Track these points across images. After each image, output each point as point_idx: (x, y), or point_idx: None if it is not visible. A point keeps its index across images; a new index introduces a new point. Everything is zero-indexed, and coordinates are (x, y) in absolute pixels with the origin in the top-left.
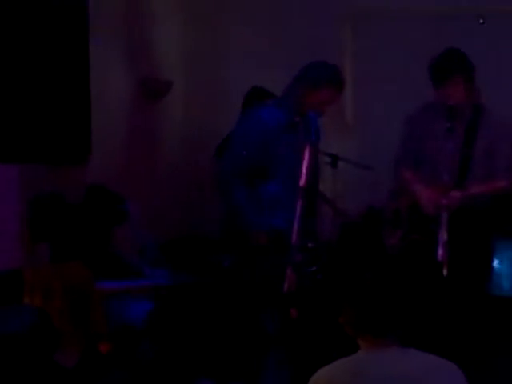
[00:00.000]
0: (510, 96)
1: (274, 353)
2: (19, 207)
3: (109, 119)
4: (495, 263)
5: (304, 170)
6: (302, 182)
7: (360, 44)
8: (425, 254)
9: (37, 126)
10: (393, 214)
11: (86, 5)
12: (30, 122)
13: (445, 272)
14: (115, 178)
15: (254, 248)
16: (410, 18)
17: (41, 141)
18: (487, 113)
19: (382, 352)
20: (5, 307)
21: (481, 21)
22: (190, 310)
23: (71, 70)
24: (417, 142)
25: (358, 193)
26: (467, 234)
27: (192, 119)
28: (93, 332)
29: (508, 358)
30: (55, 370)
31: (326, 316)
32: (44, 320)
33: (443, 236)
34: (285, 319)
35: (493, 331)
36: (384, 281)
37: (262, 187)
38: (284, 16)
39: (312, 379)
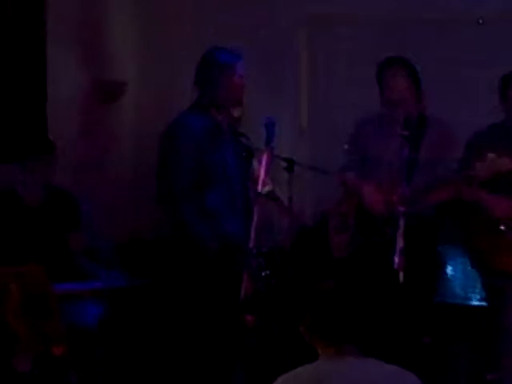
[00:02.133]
0: (462, 105)
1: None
2: None
3: (62, 120)
4: (449, 270)
5: (262, 175)
6: (260, 186)
7: (316, 49)
8: (376, 258)
9: None
10: (339, 218)
11: (43, 6)
12: None
13: (401, 279)
14: (68, 179)
15: (205, 259)
16: (366, 23)
17: None
18: (432, 121)
19: (342, 361)
20: None
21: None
22: (144, 312)
23: (28, 70)
24: (363, 147)
25: (312, 198)
26: (415, 242)
27: (146, 121)
28: (48, 335)
29: (461, 365)
30: (10, 375)
31: (282, 321)
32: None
33: (399, 243)
34: (241, 326)
35: (445, 339)
36: (342, 288)
37: (206, 196)
38: (240, 20)
39: None
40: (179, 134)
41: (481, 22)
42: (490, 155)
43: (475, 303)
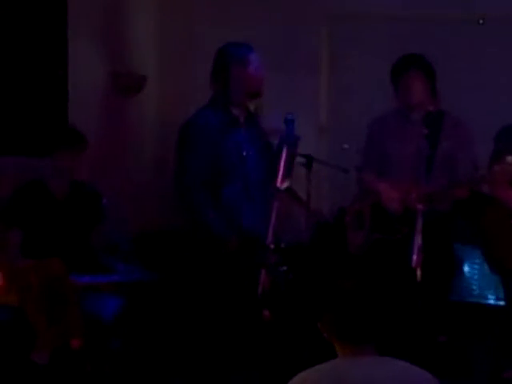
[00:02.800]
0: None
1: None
2: None
3: (83, 114)
4: (466, 269)
5: (281, 171)
6: (279, 182)
7: (336, 46)
8: (393, 257)
9: (15, 119)
10: (355, 216)
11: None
12: (9, 115)
13: (418, 277)
14: (88, 172)
15: (224, 254)
16: (387, 21)
17: (18, 133)
18: (449, 119)
19: (360, 359)
20: None
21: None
22: (161, 306)
23: (49, 63)
24: (380, 147)
25: (330, 194)
26: (431, 239)
27: (166, 115)
28: (67, 328)
29: (477, 363)
30: (29, 368)
31: (299, 317)
32: (19, 318)
33: (418, 241)
34: (258, 321)
35: (462, 337)
36: (362, 286)
37: (222, 191)
38: (260, 15)
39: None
40: (195, 129)
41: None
42: (509, 158)
43: (492, 302)
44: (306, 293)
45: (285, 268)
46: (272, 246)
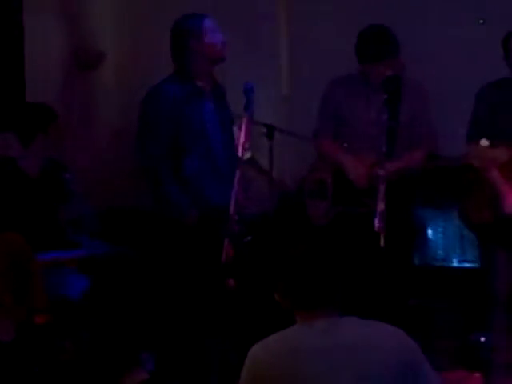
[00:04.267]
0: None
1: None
2: None
3: (43, 90)
4: (429, 233)
5: (242, 141)
6: (240, 151)
7: (297, 13)
8: (358, 225)
9: None
10: (316, 185)
11: None
12: None
13: (382, 242)
14: (52, 149)
15: (187, 226)
16: None
17: None
18: (407, 83)
19: (314, 326)
20: None
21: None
22: (128, 281)
23: (5, 40)
24: (336, 112)
25: (293, 164)
26: (396, 205)
27: (125, 89)
28: (31, 303)
29: (447, 326)
30: None
31: (262, 286)
32: None
33: (380, 206)
34: (222, 290)
35: (429, 300)
36: (315, 252)
37: (184, 163)
38: None
39: (249, 355)
40: (156, 101)
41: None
42: (483, 142)
43: (456, 265)
44: (268, 263)
45: (249, 238)
46: (235, 216)
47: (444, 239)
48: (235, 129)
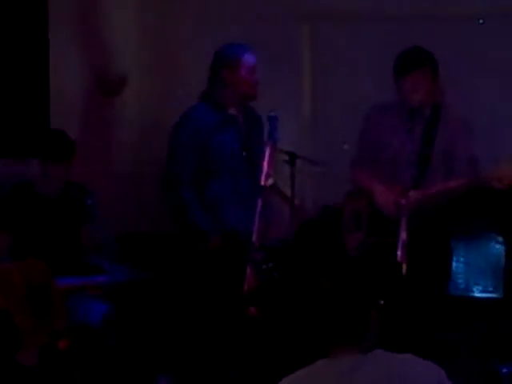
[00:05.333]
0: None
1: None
2: None
3: (65, 114)
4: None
5: (265, 169)
6: (263, 180)
7: (320, 43)
8: (385, 256)
9: None
10: (352, 215)
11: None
12: None
13: (404, 271)
14: (74, 174)
15: (208, 251)
16: (369, 19)
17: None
18: (446, 111)
19: (346, 359)
20: None
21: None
22: (148, 306)
23: (31, 64)
24: (374, 142)
25: (315, 192)
26: (426, 234)
27: (147, 114)
28: (53, 329)
29: (465, 357)
30: (16, 370)
31: (285, 314)
32: (5, 320)
33: (402, 236)
34: (244, 319)
35: (451, 330)
36: (350, 284)
37: (208, 187)
38: (243, 15)
39: None
40: (186, 124)
41: (481, 21)
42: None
43: (478, 295)
44: (291, 291)
45: (270, 265)
46: (257, 244)
47: (465, 268)
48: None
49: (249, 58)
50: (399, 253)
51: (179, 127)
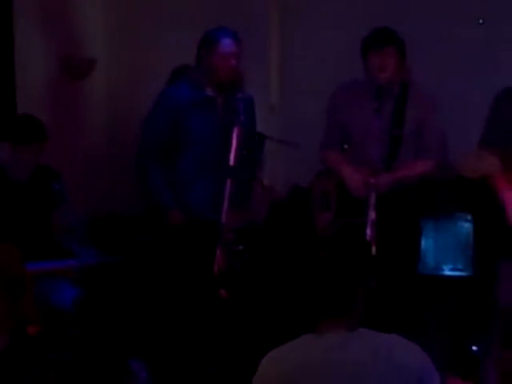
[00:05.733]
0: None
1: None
2: None
3: (32, 97)
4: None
5: (233, 150)
6: (232, 161)
7: (287, 23)
8: (356, 236)
9: None
10: (321, 195)
11: None
12: None
13: (373, 251)
14: (45, 158)
15: (172, 228)
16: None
17: None
18: (414, 89)
19: (329, 336)
20: None
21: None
22: (120, 290)
23: None
24: (341, 121)
25: (284, 172)
26: (396, 214)
27: (117, 97)
28: (22, 314)
29: (436, 336)
30: None
31: (256, 296)
32: None
33: (371, 215)
34: (215, 300)
35: (422, 309)
36: (338, 260)
37: (177, 165)
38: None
39: (259, 368)
40: (162, 102)
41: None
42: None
43: (447, 273)
44: (263, 272)
45: (240, 247)
46: (227, 225)
47: (435, 247)
48: None
49: (226, 44)
50: (368, 232)
51: (156, 105)
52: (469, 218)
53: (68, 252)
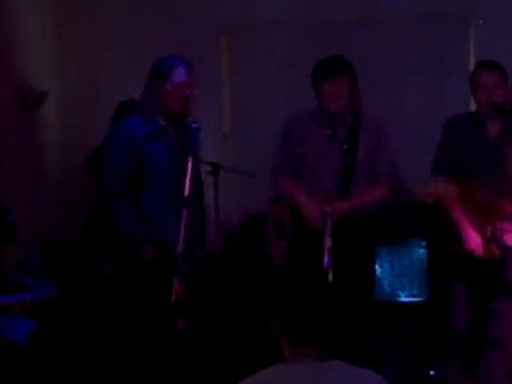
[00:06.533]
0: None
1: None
2: None
3: None
4: (377, 268)
5: (188, 180)
6: (186, 191)
7: (238, 53)
8: (311, 264)
9: None
10: (275, 223)
11: None
12: None
13: (330, 278)
14: None
15: (141, 261)
16: (285, 27)
17: None
18: (366, 117)
19: (301, 366)
20: None
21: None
22: (76, 321)
23: None
24: (296, 149)
25: (239, 201)
26: (350, 241)
27: (68, 128)
28: None
29: (394, 361)
30: None
31: (212, 324)
32: None
33: (327, 243)
34: (172, 330)
35: (379, 335)
36: (312, 287)
37: (141, 198)
38: (160, 23)
39: None
40: (117, 136)
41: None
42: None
43: (403, 300)
44: (220, 301)
45: (198, 276)
46: (183, 255)
47: (390, 273)
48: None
49: (179, 73)
50: (325, 260)
51: (110, 140)
52: (423, 243)
53: (20, 286)
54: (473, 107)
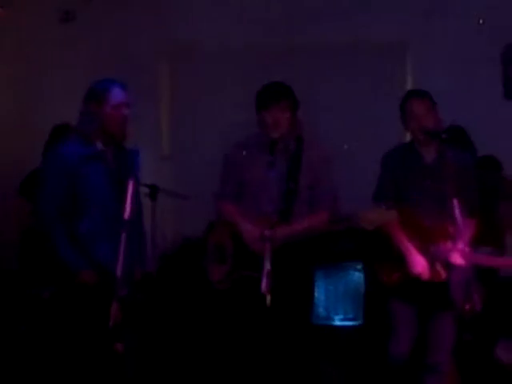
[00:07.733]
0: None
1: None
2: None
3: None
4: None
5: (128, 203)
6: (127, 214)
7: (178, 77)
8: (251, 288)
9: None
10: (215, 248)
11: None
12: None
13: (268, 302)
14: None
15: (80, 285)
16: (224, 53)
17: None
18: (308, 144)
19: None
20: None
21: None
22: (10, 346)
23: None
24: (239, 175)
25: (175, 224)
26: (290, 266)
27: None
28: None
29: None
30: None
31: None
32: None
33: (267, 267)
34: (111, 354)
35: (316, 360)
36: None
37: (79, 222)
38: (102, 48)
39: None
40: (53, 160)
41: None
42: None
43: (338, 323)
44: (155, 322)
45: (136, 299)
46: (121, 278)
47: (326, 297)
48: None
49: (116, 94)
50: (263, 284)
51: (47, 164)
52: (359, 267)
53: None
54: (408, 137)
